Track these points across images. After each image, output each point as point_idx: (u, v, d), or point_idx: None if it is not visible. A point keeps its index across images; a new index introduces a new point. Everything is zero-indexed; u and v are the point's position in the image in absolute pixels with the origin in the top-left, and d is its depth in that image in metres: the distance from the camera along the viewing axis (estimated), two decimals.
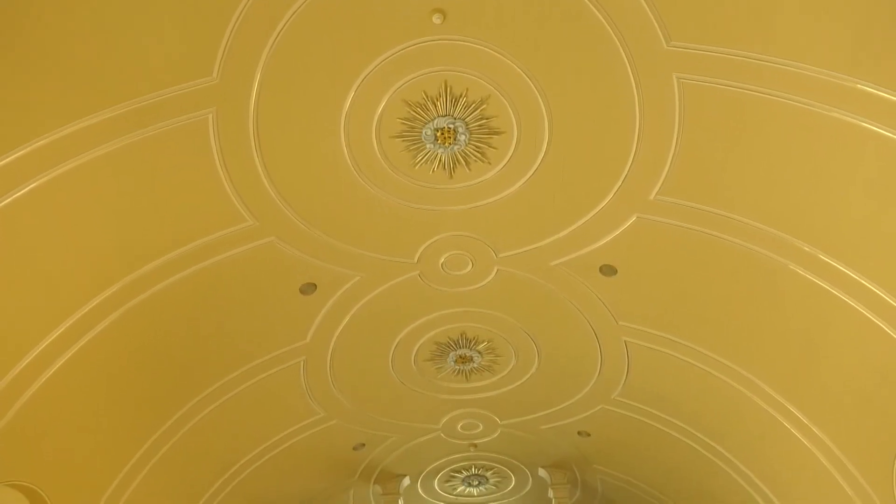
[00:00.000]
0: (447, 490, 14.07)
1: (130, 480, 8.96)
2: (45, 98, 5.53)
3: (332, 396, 10.39)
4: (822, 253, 6.71)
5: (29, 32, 5.15)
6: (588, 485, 13.43)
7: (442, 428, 11.76)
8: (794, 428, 8.53)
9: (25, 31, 5.13)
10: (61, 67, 5.42)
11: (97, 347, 7.40)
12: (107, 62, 5.50)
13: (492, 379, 10.47)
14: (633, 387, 10.11)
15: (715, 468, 10.49)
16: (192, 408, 9.20)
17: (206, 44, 5.60)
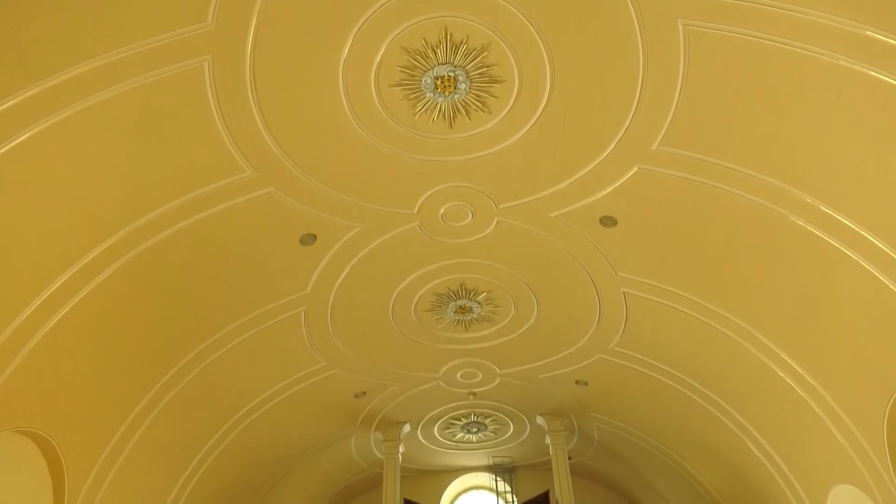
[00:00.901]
0: (447, 436, 14.37)
1: (137, 426, 9.16)
2: (40, 45, 5.42)
3: (333, 346, 10.52)
4: (824, 204, 6.68)
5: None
6: (585, 432, 13.71)
7: (442, 377, 11.94)
8: (789, 377, 8.66)
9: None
10: (56, 14, 5.31)
11: (99, 297, 7.46)
12: (100, 9, 5.39)
13: (491, 329, 10.58)
14: (631, 337, 10.23)
15: (709, 416, 10.70)
16: (195, 356, 9.33)
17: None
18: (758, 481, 10.74)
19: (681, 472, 12.94)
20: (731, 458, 11.17)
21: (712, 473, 12.30)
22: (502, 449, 14.93)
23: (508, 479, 15.70)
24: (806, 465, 9.45)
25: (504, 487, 15.72)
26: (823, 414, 8.41)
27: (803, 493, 9.66)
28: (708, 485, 12.52)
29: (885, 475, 7.74)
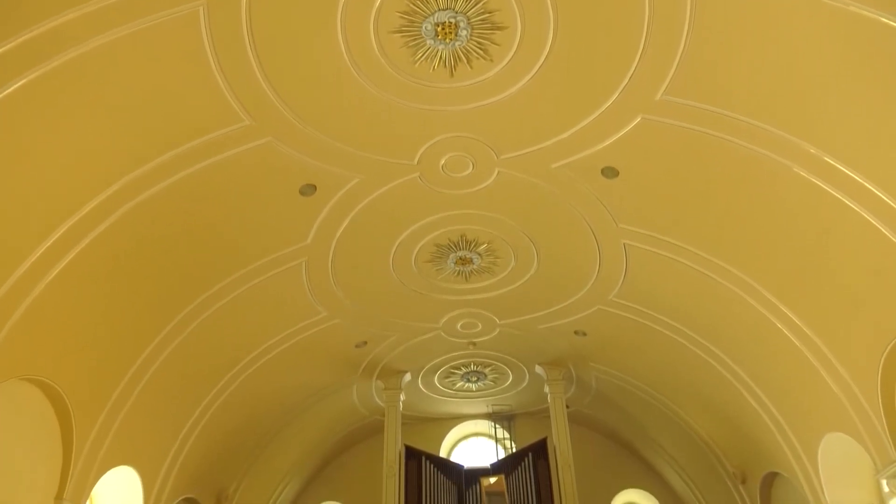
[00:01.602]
0: (447, 385, 14.60)
1: (142, 374, 9.30)
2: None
3: (334, 296, 10.59)
4: (829, 156, 6.63)
5: None
6: (583, 381, 13.93)
7: (442, 327, 12.06)
8: (786, 328, 8.74)
9: None
10: None
11: (100, 247, 7.47)
12: None
13: (491, 280, 10.63)
14: (630, 288, 10.28)
15: (706, 366, 10.85)
16: (197, 306, 9.41)
17: None
18: (752, 429, 10.97)
19: (676, 421, 13.20)
20: (727, 407, 11.37)
21: (707, 421, 12.55)
22: (501, 397, 15.18)
23: (507, 426, 16.02)
24: (799, 414, 9.63)
25: (503, 435, 16.05)
26: (818, 364, 8.53)
27: (796, 441, 9.87)
28: (703, 432, 12.79)
29: (876, 423, 7.90)
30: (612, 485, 15.36)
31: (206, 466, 11.83)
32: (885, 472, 8.00)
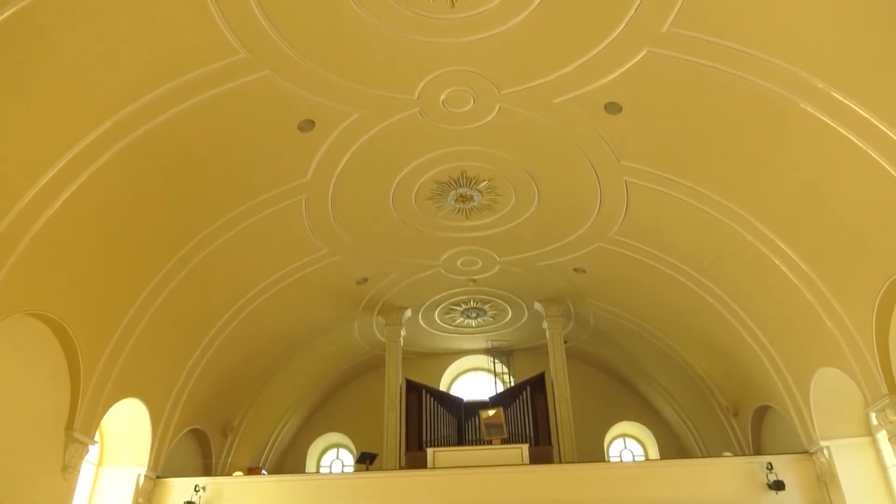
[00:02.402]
0: (447, 321, 14.79)
1: (145, 309, 9.41)
2: None
3: (334, 233, 10.60)
4: (836, 90, 6.50)
5: None
6: (581, 317, 14.10)
7: (442, 264, 12.12)
8: (784, 265, 8.79)
9: None
10: None
11: (99, 182, 7.42)
12: None
13: (491, 217, 10.61)
14: (630, 225, 10.28)
15: (704, 302, 10.96)
16: (199, 242, 9.43)
17: None
18: (746, 364, 11.17)
19: (672, 356, 13.44)
20: (722, 343, 11.56)
21: (702, 356, 12.77)
22: (500, 333, 15.41)
23: (506, 361, 16.32)
24: (793, 350, 9.79)
25: (502, 369, 16.38)
26: (815, 300, 8.61)
27: (788, 375, 10.07)
28: (698, 367, 13.04)
29: (869, 359, 8.04)
30: (607, 417, 15.77)
31: (211, 399, 12.12)
32: (874, 406, 8.19)
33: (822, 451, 9.62)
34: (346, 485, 10.72)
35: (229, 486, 10.68)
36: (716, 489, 9.91)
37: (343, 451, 16.40)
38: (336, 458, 16.42)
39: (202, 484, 10.51)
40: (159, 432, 10.59)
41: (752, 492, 9.81)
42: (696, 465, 10.78)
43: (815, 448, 9.74)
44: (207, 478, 10.97)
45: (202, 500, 10.32)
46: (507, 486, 10.25)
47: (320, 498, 10.41)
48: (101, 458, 10.35)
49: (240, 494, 10.54)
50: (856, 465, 9.37)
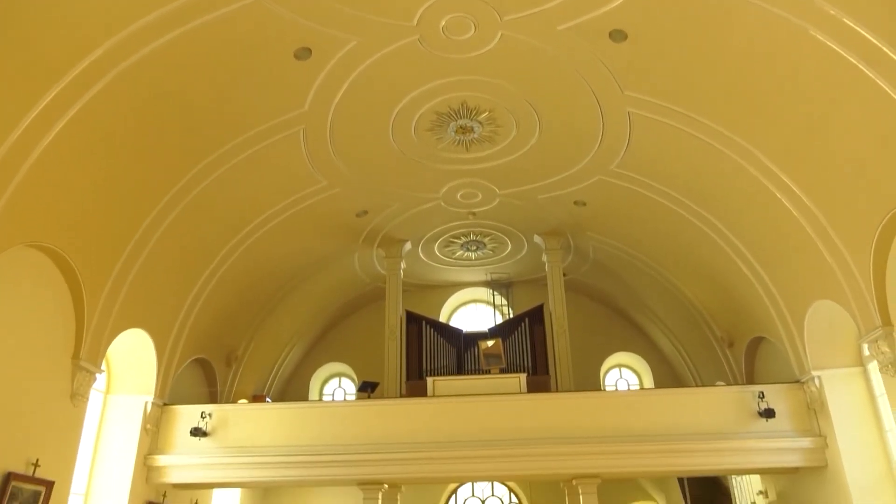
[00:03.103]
0: (446, 254, 14.86)
1: (146, 240, 9.44)
2: None
3: (333, 165, 10.51)
4: (848, 17, 6.31)
5: None
6: (580, 250, 14.16)
7: (442, 197, 12.07)
8: (785, 198, 8.76)
9: None
10: None
11: (93, 111, 7.31)
12: None
13: (492, 150, 10.50)
14: (632, 158, 10.19)
15: (703, 236, 10.98)
16: (198, 173, 9.37)
17: None
18: (742, 296, 11.29)
19: (669, 288, 13.56)
20: (720, 275, 11.65)
21: (700, 289, 12.90)
22: (500, 266, 15.49)
23: (505, 293, 16.49)
24: (790, 282, 9.88)
25: (501, 301, 16.57)
26: (814, 233, 8.63)
27: (784, 307, 10.19)
28: (695, 299, 13.19)
29: (865, 291, 8.12)
30: (604, 348, 16.06)
31: (215, 329, 12.31)
32: (867, 337, 8.33)
33: (813, 381, 9.84)
34: (349, 412, 11.02)
35: (234, 413, 10.99)
36: (708, 417, 10.20)
37: (345, 380, 16.79)
38: (338, 386, 16.82)
39: (208, 411, 10.80)
40: (164, 361, 10.81)
41: (743, 419, 10.09)
42: (689, 393, 11.04)
43: (807, 378, 9.96)
44: (213, 405, 11.28)
45: (208, 427, 10.63)
46: (506, 414, 10.54)
47: (323, 424, 10.72)
48: (108, 387, 10.60)
49: (245, 421, 10.84)
50: (845, 394, 9.61)
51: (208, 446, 10.57)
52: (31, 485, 7.79)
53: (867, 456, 9.19)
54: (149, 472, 10.43)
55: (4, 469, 7.47)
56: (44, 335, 8.24)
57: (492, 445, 10.28)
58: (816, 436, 9.78)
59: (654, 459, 10.12)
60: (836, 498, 9.35)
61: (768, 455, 9.90)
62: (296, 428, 10.70)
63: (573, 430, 10.30)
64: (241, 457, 10.48)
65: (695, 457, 10.04)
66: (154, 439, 10.65)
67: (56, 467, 8.27)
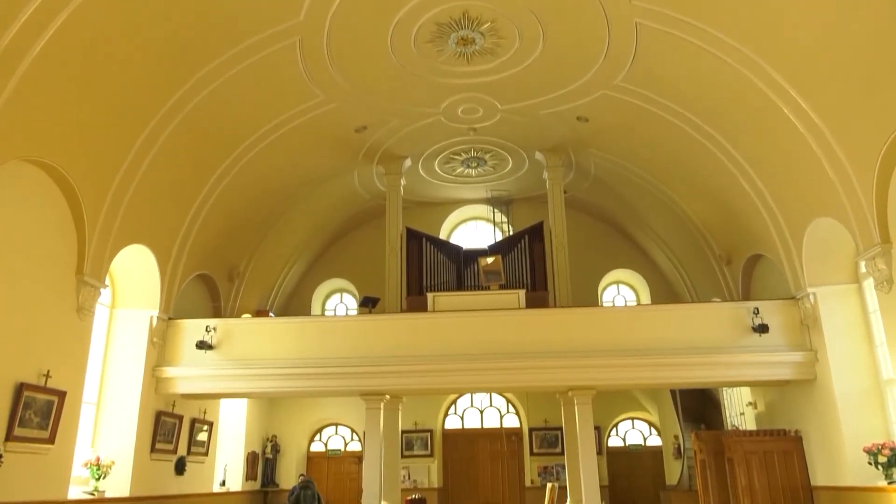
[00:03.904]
0: (447, 171, 14.74)
1: (144, 154, 9.33)
2: None
3: (330, 79, 10.25)
4: None
5: None
6: (582, 167, 14.04)
7: (442, 112, 11.85)
8: (792, 113, 8.60)
9: None
10: None
11: (81, 20, 7.05)
12: None
13: (494, 62, 10.21)
14: (638, 72, 9.93)
15: (706, 152, 10.85)
16: (191, 87, 9.15)
17: None
18: (743, 213, 11.29)
19: (670, 205, 13.54)
20: (721, 192, 11.60)
21: (700, 206, 12.87)
22: (500, 183, 15.41)
23: (505, 210, 16.48)
24: (792, 199, 9.85)
25: (501, 218, 16.58)
26: (819, 149, 8.53)
27: (784, 225, 10.21)
28: (695, 217, 13.19)
29: (866, 209, 8.11)
30: (602, 265, 16.22)
31: (216, 245, 12.37)
32: (865, 255, 8.39)
33: (808, 297, 9.98)
34: (350, 326, 11.25)
35: (238, 327, 11.21)
36: (703, 332, 10.42)
37: (346, 295, 17.04)
38: (340, 302, 17.09)
39: (212, 325, 11.01)
40: (167, 276, 10.93)
41: (737, 335, 10.32)
42: (685, 309, 11.24)
43: (802, 294, 10.10)
44: (217, 319, 11.49)
45: (213, 340, 10.87)
46: (504, 329, 10.76)
47: (325, 338, 10.96)
48: (113, 301, 10.76)
49: (249, 335, 11.08)
50: (839, 311, 9.78)
51: (214, 359, 10.85)
52: (44, 395, 8.04)
53: (855, 370, 9.45)
54: (157, 383, 10.76)
55: (17, 379, 7.68)
56: (47, 251, 8.28)
57: (490, 359, 10.55)
58: (807, 350, 10.02)
59: (648, 372, 10.42)
60: (823, 409, 9.68)
61: (760, 369, 10.19)
62: (299, 342, 10.95)
63: (570, 344, 10.54)
64: (246, 369, 10.77)
65: (689, 370, 10.33)
66: (161, 352, 10.92)
67: (67, 378, 8.51)
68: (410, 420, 15.45)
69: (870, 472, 8.59)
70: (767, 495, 10.04)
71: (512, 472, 15.69)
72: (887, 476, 8.29)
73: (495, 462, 15.83)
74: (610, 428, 15.99)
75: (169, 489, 10.99)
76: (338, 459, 16.15)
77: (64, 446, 8.43)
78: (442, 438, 16.00)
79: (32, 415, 7.85)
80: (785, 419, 10.96)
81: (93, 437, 10.00)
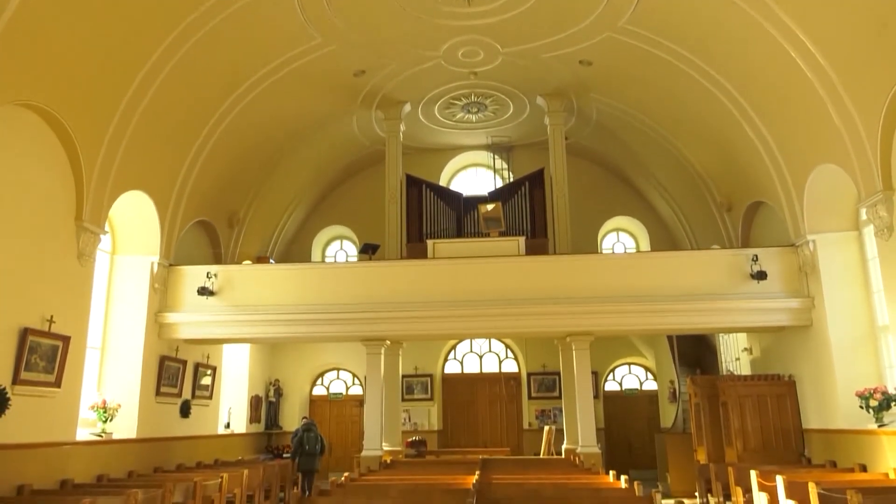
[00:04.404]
0: (447, 116, 14.55)
1: (139, 98, 9.18)
2: None
3: (328, 20, 10.00)
4: None
5: None
6: (583, 112, 13.86)
7: (442, 55, 11.61)
8: (801, 58, 8.43)
9: None
10: None
11: None
12: None
13: (495, 3, 9.94)
14: (643, 13, 9.68)
15: (711, 97, 10.69)
16: (186, 28, 8.92)
17: None
18: (746, 160, 11.20)
19: (672, 152, 13.42)
20: (724, 139, 11.48)
21: (703, 153, 12.76)
22: (501, 129, 15.23)
23: (506, 157, 16.34)
24: (795, 145, 9.76)
25: (501, 165, 16.46)
26: (826, 95, 8.39)
27: (787, 171, 10.14)
28: (697, 164, 13.09)
29: (870, 155, 8.04)
30: (603, 212, 16.19)
31: (215, 191, 12.31)
32: (867, 202, 8.36)
33: (808, 244, 10.00)
34: (351, 273, 11.30)
35: (239, 274, 11.26)
36: (701, 279, 10.48)
37: (346, 242, 17.07)
38: (340, 249, 17.13)
39: (213, 271, 11.06)
40: (167, 223, 10.91)
41: (735, 281, 10.38)
42: (684, 256, 11.27)
43: (802, 241, 10.11)
44: (218, 266, 11.53)
45: (215, 286, 10.93)
46: (504, 275, 10.82)
47: (326, 285, 11.02)
48: (114, 248, 10.78)
49: (249, 281, 11.14)
50: (837, 258, 9.81)
51: (215, 305, 10.93)
52: (49, 339, 8.13)
53: (851, 316, 9.54)
54: (160, 329, 10.87)
55: (21, 324, 7.75)
56: (45, 197, 8.23)
57: (490, 305, 10.64)
58: (805, 297, 10.09)
59: (646, 318, 10.52)
60: (818, 355, 9.82)
61: (757, 315, 10.28)
62: (300, 288, 11.01)
63: (569, 290, 10.61)
64: (247, 315, 10.87)
65: (687, 316, 10.43)
66: (163, 298, 10.99)
67: (70, 324, 8.60)
68: (411, 365, 15.70)
69: (860, 416, 8.77)
70: (759, 437, 10.30)
71: (510, 415, 16.04)
72: (878, 419, 8.47)
73: (494, 406, 16.17)
74: (607, 373, 16.26)
75: (175, 431, 11.25)
76: (339, 403, 16.49)
77: (70, 390, 8.58)
78: (442, 383, 16.29)
79: (38, 359, 7.96)
80: (780, 364, 11.13)
81: (98, 382, 10.18)
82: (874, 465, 8.41)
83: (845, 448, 9.07)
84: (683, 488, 11.59)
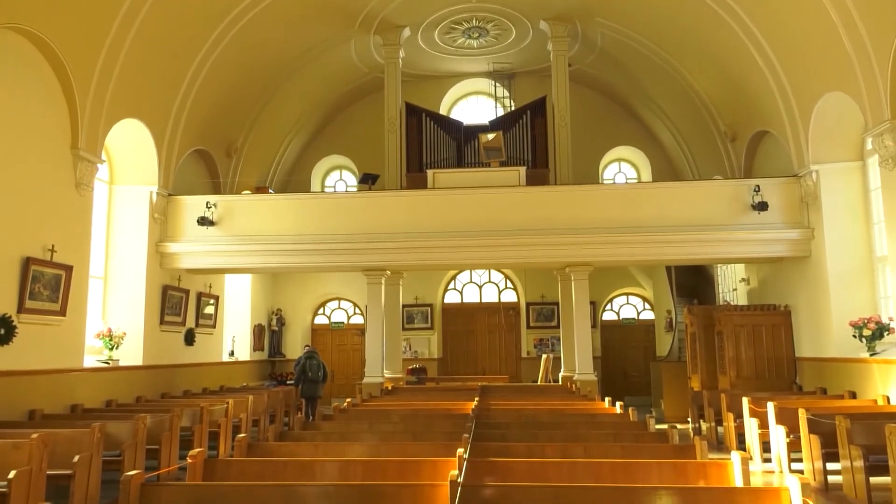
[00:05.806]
0: (447, 42, 14.15)
1: (129, 23, 8.90)
2: None
3: None
4: None
5: None
6: (588, 38, 13.47)
7: None
8: None
9: None
10: None
11: None
12: None
13: None
14: None
15: (720, 22, 10.36)
16: None
17: None
18: (752, 88, 10.96)
19: (678, 80, 13.11)
20: (731, 66, 11.20)
21: (709, 81, 12.48)
22: (503, 55, 14.84)
23: (507, 84, 15.98)
24: (804, 73, 9.53)
25: (502, 93, 16.13)
26: (839, 21, 8.14)
27: (793, 100, 9.94)
28: (702, 92, 12.82)
29: (880, 83, 7.87)
30: (605, 142, 15.98)
31: (212, 120, 12.11)
32: (873, 131, 8.24)
33: (811, 175, 9.92)
34: (351, 203, 11.26)
35: (239, 204, 11.23)
36: (702, 210, 10.45)
37: (346, 172, 16.93)
38: (339, 179, 17.01)
39: (213, 201, 11.01)
40: (164, 152, 10.79)
41: (736, 212, 10.35)
42: (685, 187, 11.20)
43: (805, 171, 10.02)
44: (217, 196, 11.48)
45: (214, 216, 10.91)
46: (505, 206, 10.78)
47: (326, 215, 11.01)
48: (112, 177, 10.70)
49: (249, 211, 11.12)
50: (840, 188, 9.75)
51: (215, 235, 10.95)
52: (51, 269, 8.18)
53: (850, 247, 9.56)
54: (161, 258, 10.92)
55: (23, 254, 7.78)
56: (39, 125, 8.10)
57: (490, 235, 10.65)
58: (805, 228, 10.09)
59: (646, 249, 10.55)
60: (815, 285, 9.90)
61: (756, 246, 10.31)
62: (300, 218, 11.00)
63: (570, 221, 10.60)
64: (248, 245, 10.90)
65: (686, 247, 10.47)
66: (163, 228, 11.00)
67: (72, 253, 8.63)
68: (411, 295, 15.86)
69: (853, 345, 8.92)
70: (752, 365, 10.52)
71: (509, 344, 16.33)
72: (870, 348, 8.62)
73: (493, 335, 16.44)
74: (605, 303, 16.46)
75: (180, 358, 11.48)
76: (341, 332, 16.77)
77: (76, 318, 8.70)
78: (442, 312, 16.51)
79: (42, 288, 8.03)
80: (776, 295, 11.25)
81: (103, 310, 10.31)
82: (864, 393, 8.63)
83: (836, 376, 9.27)
84: (676, 414, 11.94)
